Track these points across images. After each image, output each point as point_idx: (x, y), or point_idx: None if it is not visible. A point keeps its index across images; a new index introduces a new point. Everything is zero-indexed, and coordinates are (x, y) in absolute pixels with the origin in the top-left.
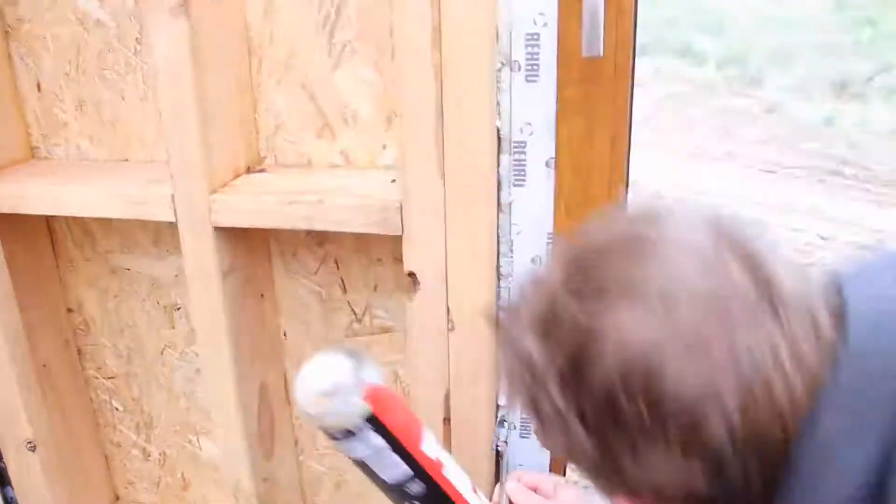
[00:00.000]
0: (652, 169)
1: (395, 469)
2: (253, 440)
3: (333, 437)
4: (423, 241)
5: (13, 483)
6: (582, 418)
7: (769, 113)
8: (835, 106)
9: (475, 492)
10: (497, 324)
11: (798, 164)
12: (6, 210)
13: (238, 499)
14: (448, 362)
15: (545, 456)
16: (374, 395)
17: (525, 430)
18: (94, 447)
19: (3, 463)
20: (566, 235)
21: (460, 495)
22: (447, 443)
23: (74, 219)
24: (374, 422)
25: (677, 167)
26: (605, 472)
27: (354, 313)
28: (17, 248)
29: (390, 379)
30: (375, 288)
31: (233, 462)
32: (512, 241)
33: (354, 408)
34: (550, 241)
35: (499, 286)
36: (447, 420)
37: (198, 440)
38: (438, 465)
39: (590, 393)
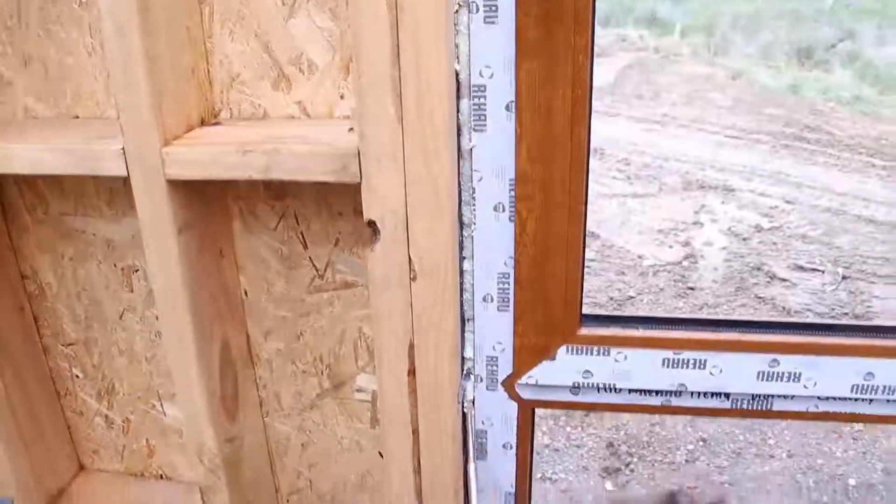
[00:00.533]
0: (619, 136)
1: None
2: (215, 401)
3: None
4: (381, 189)
5: None
6: None
7: (734, 80)
8: (799, 73)
9: None
10: None
11: (763, 130)
12: None
13: (203, 461)
14: (411, 313)
15: (513, 408)
16: None
17: (491, 382)
18: (55, 417)
19: None
20: None
21: None
22: (412, 396)
23: (25, 182)
24: None
25: (644, 134)
26: None
27: (316, 269)
28: None
29: (355, 334)
30: (337, 242)
31: (195, 424)
32: (473, 189)
33: None
34: (512, 186)
35: (461, 235)
36: (412, 372)
37: (161, 405)
38: None
39: None
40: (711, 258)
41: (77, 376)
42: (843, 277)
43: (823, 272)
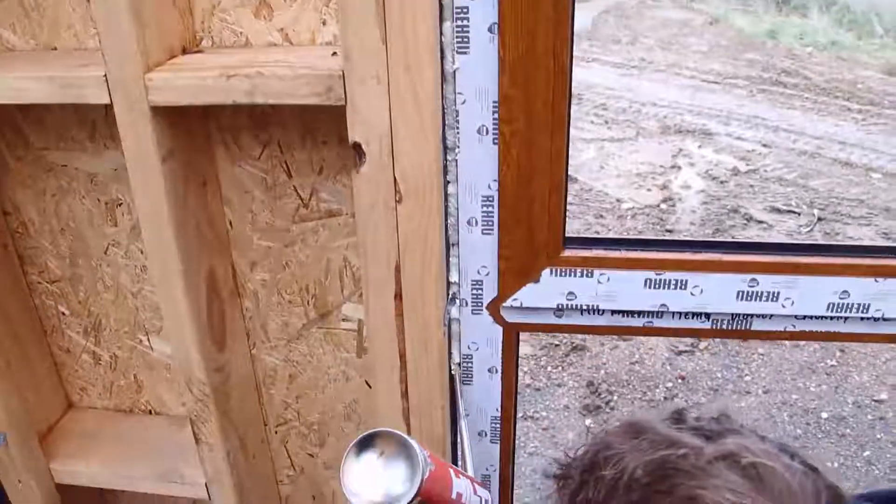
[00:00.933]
0: (597, 81)
1: None
2: (203, 331)
3: None
4: (366, 111)
5: None
6: None
7: (712, 25)
8: (777, 18)
9: (475, 492)
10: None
11: (740, 75)
12: None
13: (192, 390)
14: (397, 235)
15: (497, 331)
16: (426, 490)
17: (476, 306)
18: (43, 355)
19: None
20: (660, 440)
21: None
22: (399, 319)
23: (4, 117)
24: None
25: (621, 79)
26: None
27: (301, 198)
28: None
29: (340, 264)
30: (321, 171)
31: (184, 353)
32: (457, 112)
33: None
34: (495, 109)
35: (445, 159)
36: (398, 295)
37: (148, 340)
38: (458, 498)
39: None
40: (689, 201)
41: (63, 314)
42: (819, 219)
43: (799, 214)
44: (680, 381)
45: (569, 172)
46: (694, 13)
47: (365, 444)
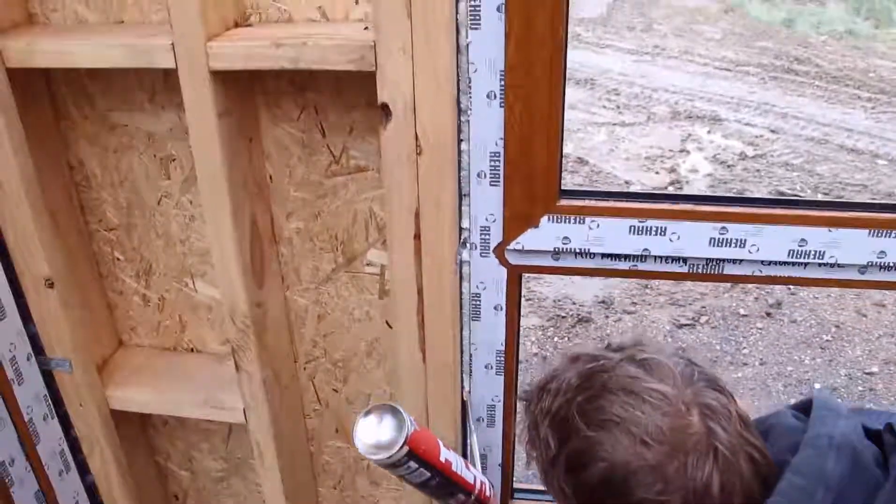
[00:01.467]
0: (610, 67)
1: (424, 476)
2: (247, 269)
3: (384, 466)
4: (393, 76)
5: (35, 320)
6: (576, 496)
7: (727, 13)
8: (794, 6)
9: (467, 467)
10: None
11: (752, 63)
12: (16, 64)
13: (235, 322)
14: (417, 183)
15: (502, 273)
16: (412, 440)
17: (484, 249)
18: (99, 297)
19: (25, 300)
20: (586, 356)
21: (461, 477)
22: (417, 258)
23: (74, 81)
24: (412, 455)
25: (634, 65)
26: None
27: (333, 155)
28: (24, 106)
29: (366, 214)
30: (351, 131)
31: (229, 289)
32: (469, 79)
33: (399, 453)
34: (502, 76)
35: (459, 120)
36: (417, 237)
37: (193, 283)
38: (448, 465)
39: (584, 484)
40: (696, 184)
41: (118, 259)
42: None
43: (803, 198)
44: (680, 351)
45: (579, 155)
46: (709, 1)
47: (369, 412)
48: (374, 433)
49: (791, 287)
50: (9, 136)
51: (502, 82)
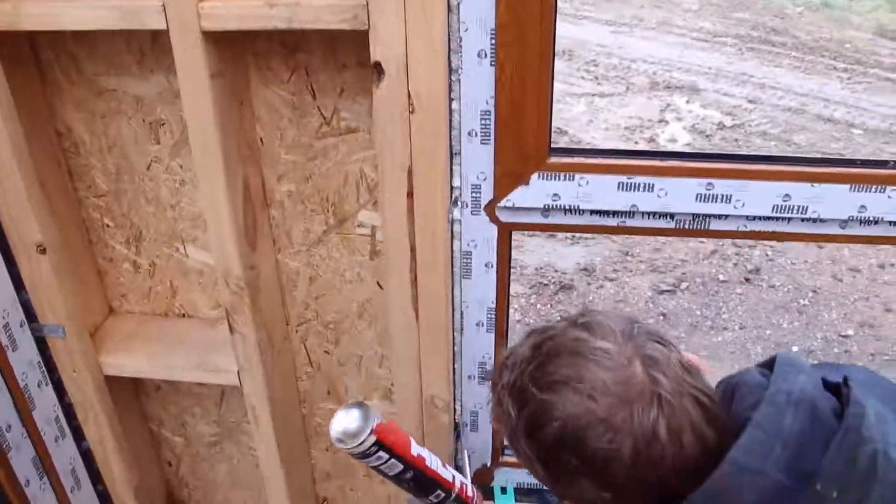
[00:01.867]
0: (587, 38)
1: (396, 468)
2: (240, 231)
3: (357, 457)
4: (386, 34)
5: (27, 286)
6: (538, 457)
7: None
8: None
9: (444, 466)
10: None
11: (729, 34)
12: (2, 28)
13: (229, 285)
14: (410, 142)
15: (493, 230)
16: (378, 430)
17: (475, 207)
18: (89, 264)
19: (17, 267)
20: (538, 329)
21: (437, 473)
22: (410, 216)
23: (60, 45)
24: (380, 444)
25: (612, 36)
26: (554, 487)
27: (324, 117)
28: (10, 72)
29: (357, 176)
30: (341, 92)
31: (223, 252)
32: (460, 38)
33: (367, 441)
34: (493, 35)
35: (450, 79)
36: (410, 194)
37: (184, 248)
38: (421, 460)
39: (543, 444)
40: None
41: (107, 225)
42: None
43: None
44: (661, 317)
45: (558, 125)
46: None
47: (340, 409)
48: (343, 423)
49: (769, 253)
50: None
51: (493, 41)
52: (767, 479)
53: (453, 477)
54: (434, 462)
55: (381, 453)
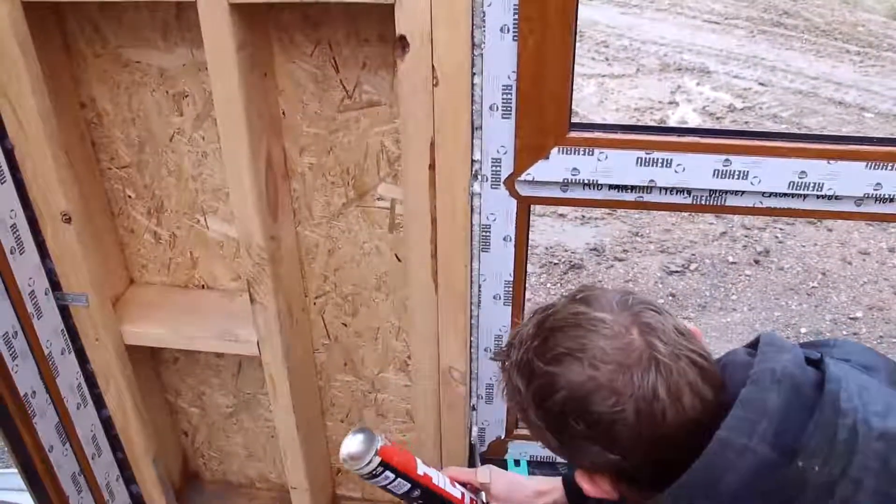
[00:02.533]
0: (598, 19)
1: (403, 487)
2: (262, 202)
3: (366, 477)
4: (411, 8)
5: (52, 255)
6: (548, 427)
7: None
8: None
9: (453, 485)
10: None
11: (741, 16)
12: None
13: (251, 255)
14: (433, 115)
15: (512, 204)
16: (383, 451)
17: (495, 181)
18: (111, 234)
19: (42, 237)
20: (540, 308)
21: (444, 490)
22: (431, 188)
23: (85, 17)
24: (385, 465)
25: (623, 17)
26: (564, 454)
27: (346, 90)
28: (37, 43)
29: (377, 149)
30: (364, 66)
31: (245, 221)
32: (483, 13)
33: (373, 462)
34: (515, 11)
35: (472, 54)
36: (432, 166)
37: (205, 220)
38: (428, 478)
39: (551, 413)
40: None
41: (129, 196)
42: None
43: None
44: (671, 298)
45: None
46: None
47: (352, 433)
48: (349, 447)
49: (779, 236)
50: (28, 74)
51: (516, 16)
52: (755, 455)
53: (462, 494)
54: (441, 480)
55: (388, 473)
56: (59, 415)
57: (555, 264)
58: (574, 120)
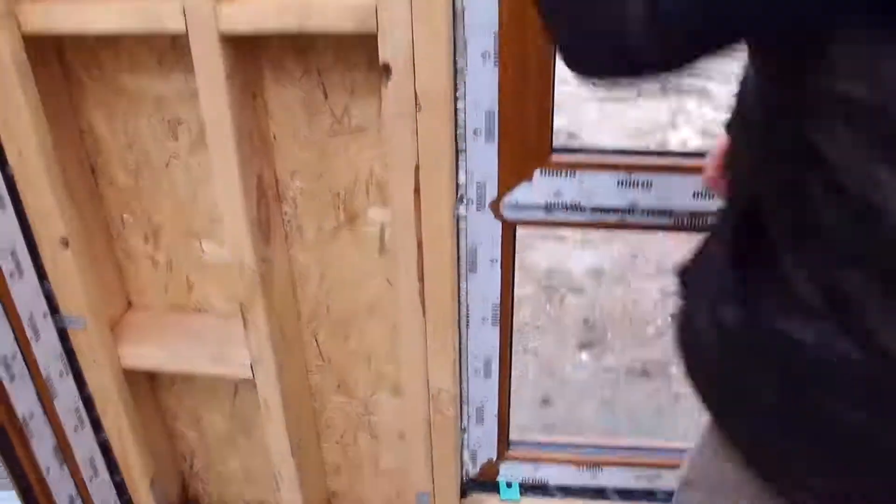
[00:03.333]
0: None
1: None
2: (254, 226)
3: None
4: (394, 36)
5: (50, 278)
6: None
7: None
8: None
9: None
10: None
11: None
12: (32, 30)
13: (243, 277)
14: (416, 139)
15: (497, 226)
16: None
17: (480, 204)
18: (109, 259)
19: (41, 261)
20: None
21: None
22: (417, 211)
23: (83, 45)
24: None
25: None
26: None
27: (334, 115)
28: (36, 71)
29: (367, 174)
30: (352, 92)
31: (238, 244)
32: (465, 40)
33: None
34: (496, 38)
35: (455, 79)
36: (417, 191)
37: (200, 244)
38: None
39: None
40: None
41: (127, 221)
42: None
43: None
44: (670, 319)
45: (570, 129)
46: None
47: None
48: None
49: None
50: (27, 103)
51: (497, 43)
52: None
53: None
54: None
55: None
56: (57, 437)
57: (554, 287)
58: (575, 144)
